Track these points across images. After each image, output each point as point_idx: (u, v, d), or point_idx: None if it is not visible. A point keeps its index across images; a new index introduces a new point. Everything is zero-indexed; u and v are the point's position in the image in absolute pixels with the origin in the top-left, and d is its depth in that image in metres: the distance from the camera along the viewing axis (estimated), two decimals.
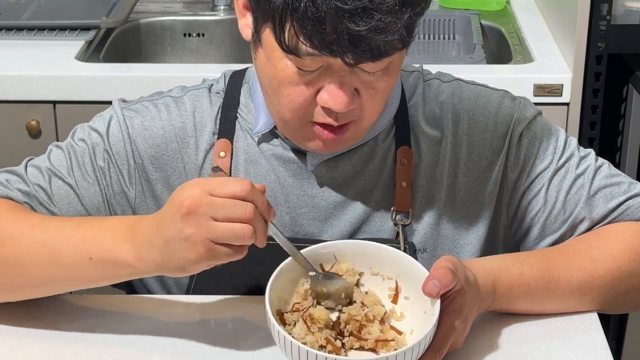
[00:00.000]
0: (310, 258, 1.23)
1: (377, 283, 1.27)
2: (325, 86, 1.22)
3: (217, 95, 1.42)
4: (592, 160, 1.42)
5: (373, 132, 1.37)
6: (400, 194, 1.38)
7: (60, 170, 1.37)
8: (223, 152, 1.39)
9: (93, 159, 1.38)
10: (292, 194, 1.38)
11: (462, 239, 1.41)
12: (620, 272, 1.34)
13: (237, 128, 1.40)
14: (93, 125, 1.41)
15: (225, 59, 2.73)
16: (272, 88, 1.26)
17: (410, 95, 1.41)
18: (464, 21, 2.67)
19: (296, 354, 1.12)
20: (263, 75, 1.27)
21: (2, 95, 2.29)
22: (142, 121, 1.39)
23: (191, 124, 1.40)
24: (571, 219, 1.39)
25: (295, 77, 1.22)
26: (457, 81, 1.44)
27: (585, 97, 2.28)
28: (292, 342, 1.12)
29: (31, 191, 1.35)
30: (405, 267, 1.24)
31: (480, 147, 1.40)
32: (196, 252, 1.15)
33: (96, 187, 1.38)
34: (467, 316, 1.22)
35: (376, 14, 1.14)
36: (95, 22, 2.51)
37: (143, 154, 1.39)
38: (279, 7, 1.16)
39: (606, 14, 2.25)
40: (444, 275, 1.18)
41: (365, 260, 1.26)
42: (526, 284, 1.30)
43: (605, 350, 1.27)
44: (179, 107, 1.40)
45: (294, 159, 1.37)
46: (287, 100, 1.25)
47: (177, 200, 1.16)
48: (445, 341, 1.19)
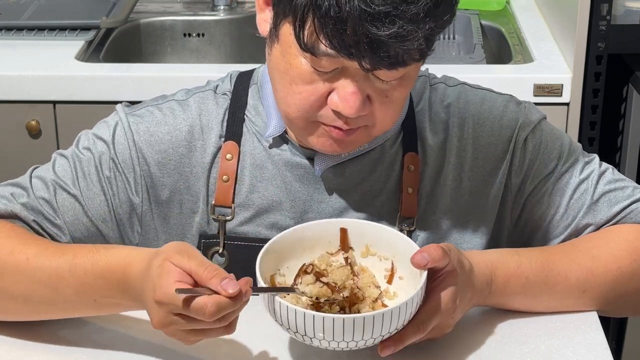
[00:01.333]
0: (315, 234, 1.26)
1: (374, 263, 1.28)
2: (338, 89, 1.22)
3: (224, 97, 1.41)
4: (596, 166, 1.42)
5: (381, 138, 1.37)
6: (406, 200, 1.38)
7: (65, 182, 1.36)
8: (230, 154, 1.38)
9: (99, 168, 1.36)
10: (299, 199, 1.38)
11: (466, 243, 1.41)
12: (620, 272, 1.34)
13: (244, 131, 1.39)
14: (98, 133, 1.39)
15: (225, 59, 2.73)
16: (283, 85, 1.25)
17: (418, 101, 1.41)
18: (464, 21, 2.67)
19: (278, 312, 1.15)
20: (276, 71, 1.27)
21: (2, 95, 2.29)
22: (147, 127, 1.38)
23: (198, 127, 1.39)
24: (574, 224, 1.39)
25: (309, 76, 1.22)
26: (463, 85, 1.44)
27: (585, 97, 2.28)
28: (281, 303, 1.14)
29: (36, 205, 1.34)
30: (401, 246, 1.26)
31: (485, 151, 1.40)
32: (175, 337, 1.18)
33: (102, 197, 1.36)
34: (457, 298, 1.22)
35: (398, 21, 1.14)
36: (95, 22, 2.51)
37: (149, 160, 1.37)
38: (302, 4, 1.16)
39: (606, 14, 2.25)
40: (434, 250, 1.19)
41: (363, 240, 1.28)
42: (524, 276, 1.30)
43: (605, 350, 1.27)
44: (185, 111, 1.39)
45: (302, 164, 1.37)
46: (297, 99, 1.24)
47: (149, 299, 1.16)
48: (431, 316, 1.19)
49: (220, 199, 1.38)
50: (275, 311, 1.16)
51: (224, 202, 1.38)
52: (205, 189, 1.38)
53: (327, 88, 1.22)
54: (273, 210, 1.38)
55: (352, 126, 1.25)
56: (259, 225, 1.38)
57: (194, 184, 1.38)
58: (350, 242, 1.28)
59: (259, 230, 1.38)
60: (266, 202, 1.38)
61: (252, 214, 1.38)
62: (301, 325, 1.14)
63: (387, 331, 1.16)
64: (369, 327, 1.14)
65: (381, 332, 1.15)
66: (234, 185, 1.38)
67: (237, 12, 2.76)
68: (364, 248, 1.28)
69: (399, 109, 1.27)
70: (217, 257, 1.38)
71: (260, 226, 1.38)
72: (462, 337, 1.26)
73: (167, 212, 1.39)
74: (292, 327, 1.15)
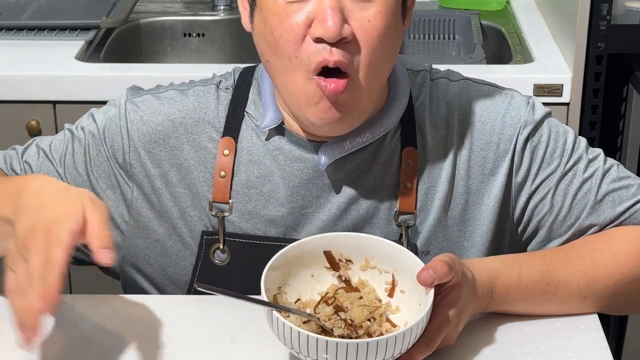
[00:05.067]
0: (311, 249, 1.25)
1: (374, 276, 1.27)
2: (315, 17, 1.23)
3: (226, 92, 1.41)
4: (600, 163, 1.40)
5: (380, 131, 1.37)
6: (404, 195, 1.37)
7: (54, 156, 1.41)
8: (227, 150, 1.39)
9: (87, 149, 1.40)
10: (297, 194, 1.38)
11: (466, 241, 1.40)
12: (622, 276, 1.33)
13: (243, 127, 1.39)
14: (96, 115, 1.43)
15: (225, 59, 2.73)
16: (270, 47, 1.27)
17: (417, 95, 1.40)
18: (464, 21, 2.67)
19: (288, 336, 1.14)
20: (262, 39, 1.29)
21: (2, 95, 2.29)
22: (141, 116, 1.40)
23: (192, 120, 1.40)
24: (577, 224, 1.39)
25: (283, 10, 1.24)
26: (466, 81, 1.43)
27: (585, 97, 2.28)
28: (285, 324, 1.13)
29: (20, 170, 1.41)
30: (402, 260, 1.25)
31: (486, 149, 1.39)
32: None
33: (85, 178, 1.40)
34: (462, 311, 1.22)
35: None
36: (95, 22, 2.51)
37: (140, 150, 1.39)
38: None
39: (606, 14, 2.25)
40: (440, 267, 1.18)
41: (363, 253, 1.27)
42: (524, 285, 1.30)
43: (605, 350, 1.26)
44: (182, 101, 1.41)
45: (301, 158, 1.37)
46: (284, 46, 1.25)
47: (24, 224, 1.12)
48: (438, 333, 1.19)
49: (217, 194, 1.38)
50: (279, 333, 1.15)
51: (222, 198, 1.38)
52: (203, 185, 1.38)
53: (305, 20, 1.24)
54: (270, 206, 1.38)
55: (340, 59, 1.24)
56: (257, 221, 1.38)
57: (186, 177, 1.39)
58: (349, 254, 1.27)
59: (258, 226, 1.38)
60: (264, 198, 1.38)
61: (250, 210, 1.38)
62: (312, 349, 1.13)
63: (399, 352, 1.15)
64: (380, 351, 1.13)
65: (393, 354, 1.14)
66: (231, 181, 1.38)
67: (237, 12, 2.72)
68: (363, 261, 1.27)
69: (379, 55, 1.27)
70: (218, 253, 1.39)
71: (258, 222, 1.38)
72: (462, 337, 1.26)
73: (160, 203, 1.39)
74: (295, 347, 1.14)
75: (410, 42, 2.72)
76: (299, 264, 1.26)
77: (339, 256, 1.27)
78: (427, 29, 2.71)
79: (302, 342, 1.13)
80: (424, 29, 2.70)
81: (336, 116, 1.28)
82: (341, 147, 1.35)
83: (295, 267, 1.26)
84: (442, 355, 1.24)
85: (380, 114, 1.37)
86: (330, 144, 1.35)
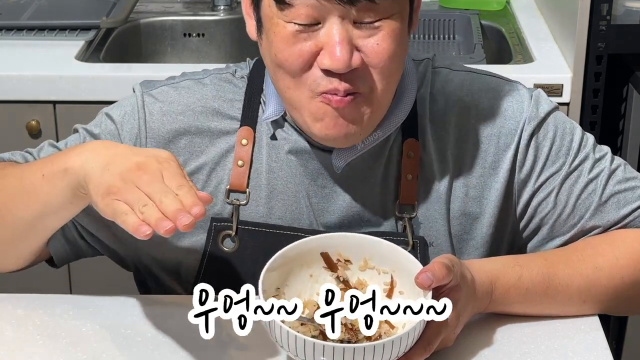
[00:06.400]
0: (309, 250, 1.24)
1: (373, 277, 1.27)
2: (324, 46, 1.22)
3: (242, 80, 1.41)
4: (607, 163, 1.39)
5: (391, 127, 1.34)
6: (405, 187, 1.37)
7: None
8: (245, 139, 1.38)
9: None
10: (309, 187, 1.37)
11: (466, 234, 1.39)
12: (623, 281, 1.33)
13: (260, 116, 1.39)
14: (110, 112, 1.41)
15: (225, 59, 2.73)
16: (274, 65, 1.26)
17: (419, 85, 1.39)
18: (464, 21, 2.67)
19: (285, 340, 1.13)
20: (268, 58, 1.27)
21: (2, 95, 2.29)
22: (161, 107, 1.39)
23: (211, 108, 1.39)
24: (580, 225, 1.37)
25: (292, 37, 1.22)
26: (468, 72, 1.41)
27: (585, 97, 2.28)
28: (282, 328, 1.13)
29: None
30: (401, 261, 1.24)
31: (487, 142, 1.37)
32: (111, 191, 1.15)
33: None
34: (460, 313, 1.21)
35: None
36: (95, 22, 2.51)
37: (160, 140, 1.38)
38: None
39: (606, 14, 2.25)
40: (438, 269, 1.18)
41: (362, 253, 1.27)
42: (524, 287, 1.29)
43: (605, 350, 1.26)
44: (200, 90, 1.40)
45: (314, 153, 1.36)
46: (289, 69, 1.24)
47: (132, 162, 1.16)
48: (436, 335, 1.19)
49: (235, 183, 1.38)
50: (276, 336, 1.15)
51: (239, 186, 1.38)
52: (221, 172, 1.38)
53: (313, 48, 1.22)
54: (282, 198, 1.38)
55: (349, 87, 1.23)
56: (269, 210, 1.38)
57: (206, 165, 1.38)
58: (348, 255, 1.27)
59: (271, 216, 1.38)
60: (278, 189, 1.38)
61: (265, 200, 1.38)
62: (308, 353, 1.13)
63: (396, 355, 1.14)
64: (378, 354, 1.12)
65: (390, 357, 1.14)
66: (249, 170, 1.38)
67: (237, 12, 2.75)
68: (362, 261, 1.27)
69: (391, 72, 1.26)
70: (228, 240, 1.38)
71: (272, 212, 1.38)
72: (462, 337, 1.26)
73: None
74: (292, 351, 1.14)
75: (410, 42, 2.70)
76: (297, 264, 1.26)
77: (338, 256, 1.27)
78: (427, 29, 2.71)
79: (299, 345, 1.13)
80: (424, 29, 2.70)
81: (342, 132, 1.27)
82: (354, 148, 1.34)
83: (294, 267, 1.26)
84: (443, 355, 1.24)
85: (390, 110, 1.34)
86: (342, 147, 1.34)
